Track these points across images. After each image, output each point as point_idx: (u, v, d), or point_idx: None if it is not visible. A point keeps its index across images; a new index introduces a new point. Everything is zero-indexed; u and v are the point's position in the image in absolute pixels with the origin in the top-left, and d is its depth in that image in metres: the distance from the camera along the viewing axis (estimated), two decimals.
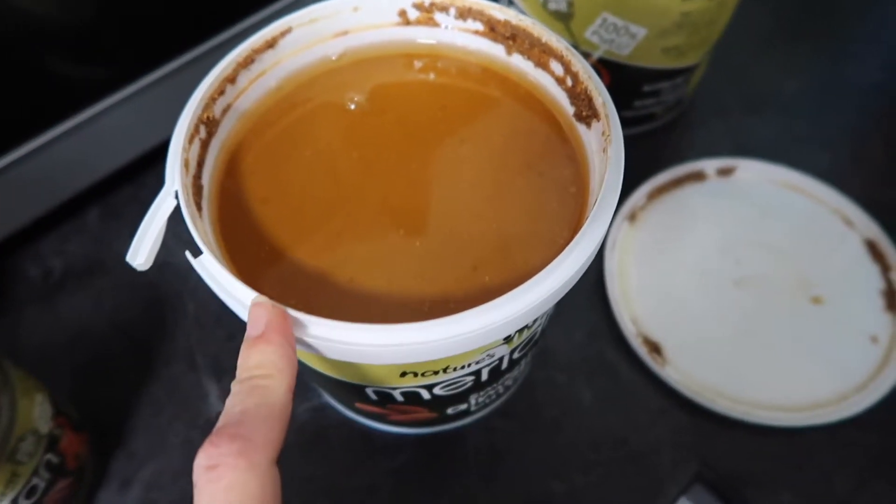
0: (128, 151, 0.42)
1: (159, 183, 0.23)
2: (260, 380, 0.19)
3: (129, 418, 0.36)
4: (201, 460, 0.17)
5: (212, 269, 0.22)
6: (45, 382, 0.31)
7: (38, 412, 0.29)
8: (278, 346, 0.19)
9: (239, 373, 0.19)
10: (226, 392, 0.36)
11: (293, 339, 0.20)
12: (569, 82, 0.27)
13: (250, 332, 0.20)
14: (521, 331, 0.24)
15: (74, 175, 0.41)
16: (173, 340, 0.38)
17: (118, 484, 0.34)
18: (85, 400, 0.35)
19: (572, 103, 0.27)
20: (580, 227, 0.22)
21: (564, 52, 0.26)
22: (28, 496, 0.29)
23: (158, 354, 0.38)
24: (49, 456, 0.29)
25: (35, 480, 0.29)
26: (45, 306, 0.39)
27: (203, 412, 0.36)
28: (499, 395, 0.33)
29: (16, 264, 0.41)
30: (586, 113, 0.26)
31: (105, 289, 0.40)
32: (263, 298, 0.20)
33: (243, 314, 0.21)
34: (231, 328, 0.38)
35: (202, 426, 0.35)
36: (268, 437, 0.17)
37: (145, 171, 0.44)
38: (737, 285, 0.39)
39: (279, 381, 0.19)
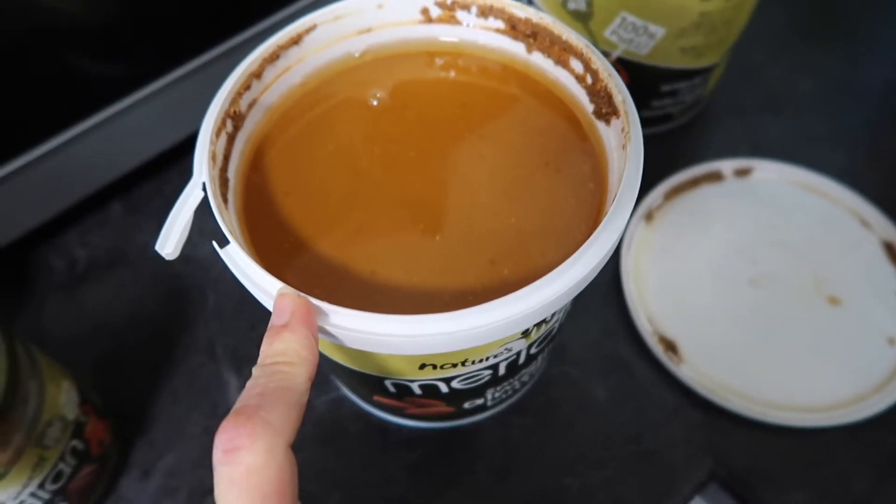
0: (150, 147, 0.43)
1: (181, 178, 0.24)
2: (281, 366, 0.19)
3: (150, 408, 0.36)
4: (220, 442, 0.17)
5: (238, 259, 0.22)
6: (68, 370, 0.32)
7: (64, 398, 0.30)
8: (301, 336, 0.20)
9: (261, 359, 0.20)
10: (245, 382, 0.37)
11: (316, 330, 0.20)
12: (588, 80, 0.27)
13: (275, 320, 0.20)
14: (538, 325, 0.25)
15: (99, 170, 0.41)
16: (193, 331, 0.39)
17: (139, 472, 0.35)
18: (106, 389, 0.36)
19: (592, 101, 0.27)
20: (598, 223, 0.22)
21: (584, 50, 0.27)
22: (54, 481, 0.29)
23: (179, 345, 0.38)
24: (75, 442, 0.30)
25: (61, 466, 0.29)
26: (69, 296, 0.40)
27: (222, 402, 0.36)
28: (515, 391, 0.34)
29: (41, 256, 0.42)
30: (606, 110, 0.26)
31: (127, 280, 0.41)
32: (289, 289, 0.21)
33: (267, 303, 0.22)
34: (251, 319, 0.39)
35: (221, 416, 0.35)
36: (285, 421, 0.18)
37: (168, 167, 0.45)
38: (753, 285, 0.39)
39: (300, 369, 0.19)
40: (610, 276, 0.40)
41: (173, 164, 0.45)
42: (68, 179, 0.40)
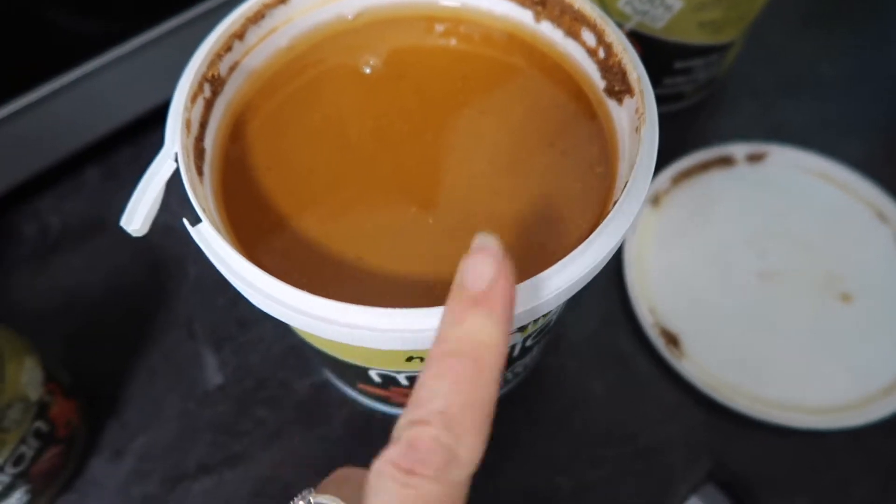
0: (130, 109, 0.40)
1: (162, 144, 0.22)
2: (468, 361, 0.15)
3: (123, 387, 0.34)
4: (398, 459, 0.14)
5: (210, 240, 0.20)
6: (36, 346, 0.30)
7: (27, 378, 0.28)
8: (499, 319, 0.15)
9: (440, 340, 0.15)
10: (224, 364, 0.35)
11: (513, 311, 0.16)
12: (601, 54, 0.25)
13: (470, 283, 0.15)
14: (535, 320, 0.23)
15: (74, 132, 0.39)
16: (172, 306, 0.37)
17: (110, 453, 0.33)
18: (78, 366, 0.34)
19: (604, 77, 0.25)
20: (606, 213, 0.21)
21: (598, 21, 0.24)
22: (15, 464, 0.28)
23: (156, 321, 0.36)
24: (38, 423, 0.28)
25: (23, 448, 0.28)
26: (41, 266, 0.38)
27: (199, 383, 0.34)
28: (507, 382, 0.32)
29: (11, 221, 0.40)
30: (619, 88, 0.24)
31: (103, 250, 0.39)
32: (495, 243, 0.16)
33: (241, 287, 0.20)
34: (233, 294, 0.37)
35: (198, 397, 0.34)
36: (471, 453, 0.15)
37: (148, 131, 0.42)
38: (761, 278, 0.37)
39: (489, 366, 0.15)
40: (612, 263, 0.38)
41: (154, 127, 0.42)
42: (41, 141, 0.38)
